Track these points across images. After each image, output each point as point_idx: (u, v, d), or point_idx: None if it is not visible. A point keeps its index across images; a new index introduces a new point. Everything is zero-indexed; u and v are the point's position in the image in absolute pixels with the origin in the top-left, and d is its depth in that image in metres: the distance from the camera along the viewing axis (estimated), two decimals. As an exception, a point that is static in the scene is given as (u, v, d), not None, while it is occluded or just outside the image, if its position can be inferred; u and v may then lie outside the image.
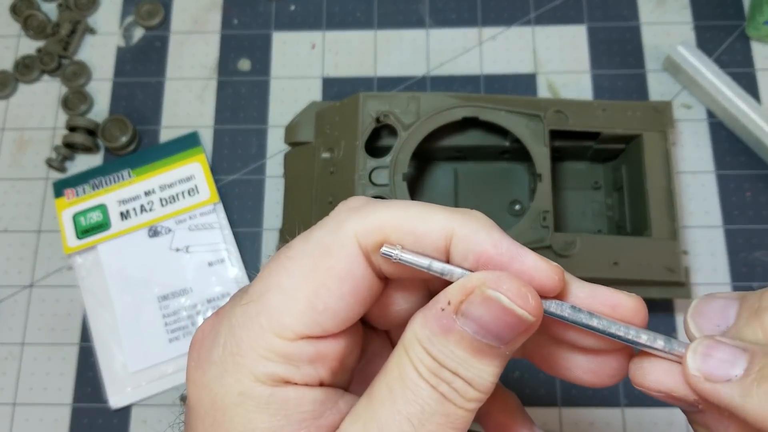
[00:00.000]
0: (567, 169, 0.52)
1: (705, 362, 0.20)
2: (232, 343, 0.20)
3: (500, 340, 0.20)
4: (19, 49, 0.58)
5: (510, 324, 0.19)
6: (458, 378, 0.19)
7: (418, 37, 0.57)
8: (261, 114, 0.55)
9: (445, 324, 0.20)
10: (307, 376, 0.20)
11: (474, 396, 0.20)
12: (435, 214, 0.21)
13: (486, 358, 0.20)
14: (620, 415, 0.47)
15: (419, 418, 0.19)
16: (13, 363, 0.50)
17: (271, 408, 0.20)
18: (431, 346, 0.20)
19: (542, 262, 0.20)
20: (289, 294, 0.20)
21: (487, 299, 0.19)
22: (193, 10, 0.58)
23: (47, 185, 0.54)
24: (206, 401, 0.20)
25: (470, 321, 0.19)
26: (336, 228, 0.21)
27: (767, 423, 0.18)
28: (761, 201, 0.51)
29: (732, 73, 0.53)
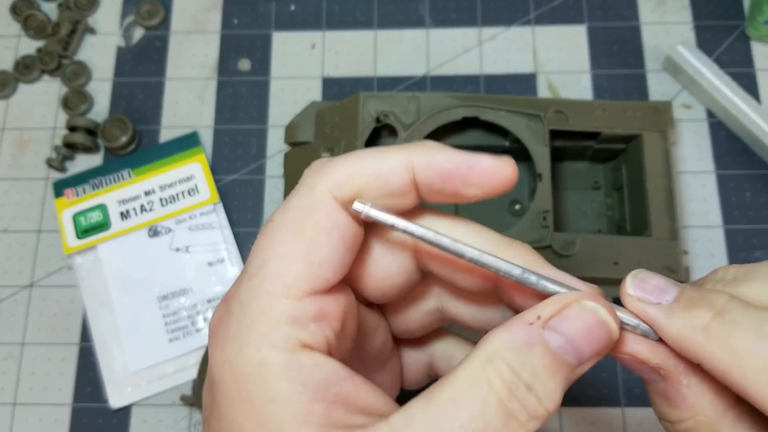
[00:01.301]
0: (567, 169, 0.52)
1: (641, 286, 0.22)
2: (245, 317, 0.21)
3: (581, 356, 0.20)
4: (19, 49, 0.58)
5: (598, 339, 0.21)
6: (531, 395, 0.19)
7: (418, 37, 0.57)
8: (261, 114, 0.55)
9: (531, 337, 0.20)
10: (315, 335, 0.21)
11: (540, 414, 0.20)
12: (391, 152, 0.22)
13: (561, 376, 0.20)
14: (620, 414, 0.47)
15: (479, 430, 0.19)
16: (13, 363, 0.50)
17: (289, 373, 0.20)
18: (513, 357, 0.20)
19: (496, 160, 0.22)
20: (286, 258, 0.21)
21: (585, 312, 0.21)
22: (193, 10, 0.58)
23: (47, 185, 0.54)
24: (228, 376, 0.21)
25: (558, 335, 0.20)
26: (309, 190, 0.22)
27: (685, 343, 0.20)
28: (761, 201, 0.51)
29: (732, 73, 0.53)
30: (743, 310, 0.20)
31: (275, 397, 0.20)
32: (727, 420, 0.21)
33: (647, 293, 0.22)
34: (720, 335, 0.19)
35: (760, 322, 0.19)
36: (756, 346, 0.19)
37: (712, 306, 0.20)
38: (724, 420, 0.21)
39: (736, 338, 0.19)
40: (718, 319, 0.20)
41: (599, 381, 0.48)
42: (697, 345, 0.20)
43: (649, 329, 0.22)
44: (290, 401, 0.20)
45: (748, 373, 0.19)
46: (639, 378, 0.48)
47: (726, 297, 0.20)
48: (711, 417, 0.21)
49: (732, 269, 0.22)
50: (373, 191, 0.22)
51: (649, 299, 0.22)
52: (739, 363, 0.19)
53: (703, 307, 0.20)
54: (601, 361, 0.49)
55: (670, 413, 0.22)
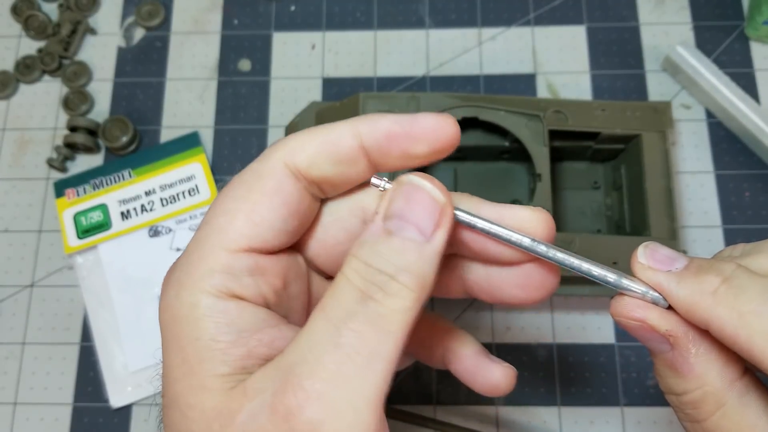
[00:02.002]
0: (566, 169, 0.52)
1: (652, 255, 0.23)
2: (186, 264, 0.23)
3: (420, 227, 0.21)
4: (19, 50, 0.58)
5: (423, 204, 0.22)
6: (383, 275, 0.21)
7: (418, 38, 0.57)
8: (261, 114, 0.55)
9: (373, 230, 0.22)
10: (248, 287, 0.23)
11: (396, 290, 0.21)
12: (339, 123, 0.24)
13: (410, 252, 0.21)
14: (620, 414, 0.47)
15: (341, 320, 0.20)
16: (14, 362, 0.50)
17: (215, 316, 0.22)
18: (362, 251, 0.21)
19: (434, 116, 0.23)
20: (231, 214, 0.23)
21: (402, 185, 0.22)
22: (194, 11, 0.59)
23: (48, 185, 0.54)
24: (167, 318, 0.22)
25: (394, 219, 0.22)
26: (265, 158, 0.24)
27: (693, 307, 0.21)
28: (760, 201, 0.51)
29: (731, 73, 0.53)
30: (750, 277, 0.20)
31: (200, 336, 0.21)
32: (734, 391, 0.21)
33: (658, 262, 0.23)
34: (727, 299, 0.20)
35: (765, 286, 0.20)
36: (762, 308, 0.19)
37: (720, 273, 0.21)
38: (730, 391, 0.21)
39: (742, 301, 0.20)
40: (726, 285, 0.20)
41: (599, 381, 0.48)
42: (705, 309, 0.21)
43: (658, 297, 0.22)
44: (213, 341, 0.21)
45: (754, 335, 0.19)
46: (638, 378, 0.48)
47: (734, 265, 0.21)
48: (718, 387, 0.22)
49: (740, 246, 0.23)
50: (324, 158, 0.23)
51: (659, 267, 0.22)
52: (746, 325, 0.19)
53: (711, 274, 0.21)
54: (600, 361, 0.49)
55: (677, 384, 0.23)
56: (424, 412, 0.46)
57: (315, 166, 0.23)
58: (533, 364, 0.48)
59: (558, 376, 0.48)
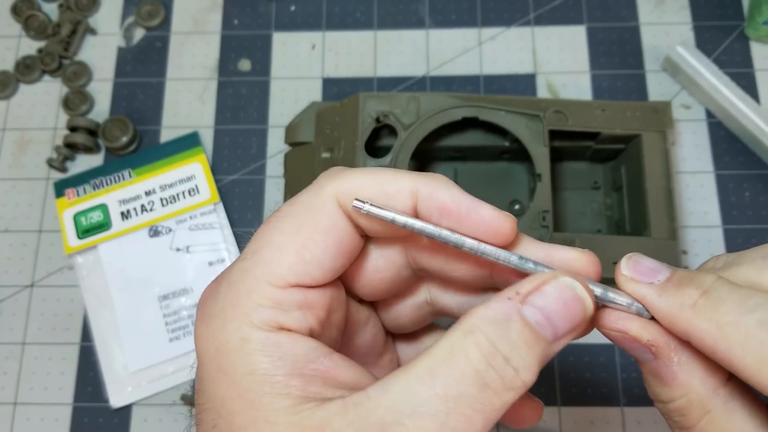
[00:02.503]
0: (566, 169, 0.52)
1: (635, 267, 0.23)
2: (231, 296, 0.22)
3: (557, 331, 0.21)
4: (19, 50, 0.58)
5: (573, 313, 0.21)
6: (508, 366, 0.20)
7: (418, 38, 0.57)
8: (261, 114, 0.55)
9: (509, 311, 0.21)
10: (296, 320, 0.22)
11: (516, 385, 0.20)
12: (402, 176, 0.23)
13: (538, 349, 0.21)
14: (620, 414, 0.47)
15: (456, 400, 0.19)
16: (14, 362, 0.50)
17: (268, 350, 0.21)
18: (491, 330, 0.20)
19: (496, 212, 0.23)
20: (280, 248, 0.22)
21: (562, 288, 0.21)
22: (194, 11, 0.59)
23: (48, 185, 0.54)
24: (211, 350, 0.22)
25: (535, 309, 0.21)
26: (318, 191, 0.23)
27: (674, 319, 0.21)
28: (760, 201, 0.51)
29: (731, 73, 0.53)
30: (729, 288, 0.20)
31: (254, 371, 0.21)
32: (719, 397, 0.22)
33: (640, 274, 0.23)
34: (706, 311, 0.20)
35: (743, 297, 0.20)
36: (739, 318, 0.19)
37: (700, 285, 0.21)
38: (715, 397, 0.22)
39: (720, 312, 0.20)
40: (705, 297, 0.21)
41: (599, 381, 0.48)
42: (685, 321, 0.21)
43: (641, 308, 0.23)
44: (268, 374, 0.21)
45: (733, 345, 0.19)
46: (638, 378, 0.48)
47: (714, 277, 0.21)
48: (702, 395, 0.22)
49: (723, 257, 0.23)
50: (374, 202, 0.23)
51: (642, 279, 0.23)
52: (724, 336, 0.20)
53: (692, 286, 0.21)
54: (600, 361, 0.49)
55: (663, 392, 0.23)
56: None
57: (365, 216, 0.23)
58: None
59: (558, 376, 0.48)
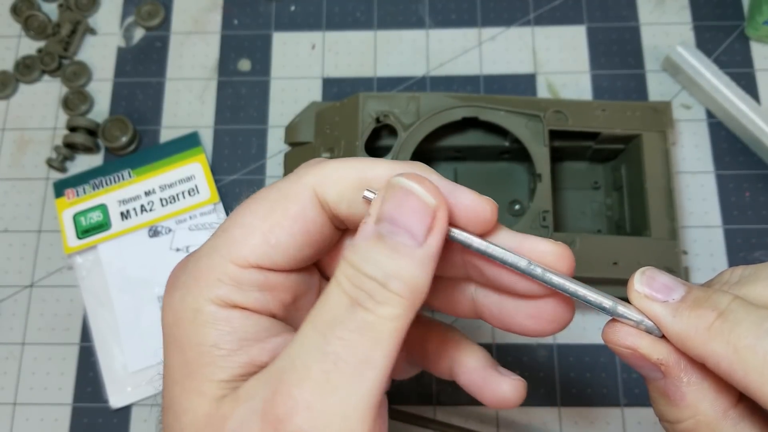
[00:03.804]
0: (566, 169, 0.52)
1: (649, 284, 0.22)
2: (196, 270, 0.23)
3: (411, 231, 0.21)
4: (19, 50, 0.58)
5: (414, 208, 0.21)
6: (374, 281, 0.20)
7: (418, 38, 0.57)
8: (261, 114, 0.55)
9: (364, 233, 0.21)
10: (255, 301, 0.22)
11: (387, 297, 0.20)
12: (381, 165, 0.23)
13: (401, 257, 0.20)
14: (620, 414, 0.47)
15: (328, 327, 0.20)
16: (14, 363, 0.50)
17: (218, 324, 0.22)
18: (353, 256, 0.21)
19: (476, 197, 0.23)
20: (248, 229, 0.23)
21: (392, 187, 0.21)
22: (194, 11, 0.59)
23: (47, 185, 0.54)
24: (170, 319, 0.23)
25: (385, 222, 0.21)
26: (296, 179, 0.23)
27: (688, 341, 0.21)
28: (760, 201, 0.51)
29: (731, 73, 0.53)
30: (745, 310, 0.20)
31: (202, 341, 0.22)
32: (728, 420, 0.21)
33: (655, 291, 0.22)
34: (723, 334, 0.20)
35: (760, 319, 0.19)
36: (757, 342, 0.19)
37: (716, 306, 0.20)
38: (724, 420, 0.21)
39: (737, 336, 0.19)
40: (721, 319, 0.20)
41: (599, 381, 0.48)
42: (700, 344, 0.20)
43: (652, 325, 0.22)
44: (214, 347, 0.21)
45: (750, 370, 0.19)
46: (638, 378, 0.48)
47: (730, 297, 0.20)
48: (711, 417, 0.21)
49: (738, 271, 0.23)
50: (355, 196, 0.23)
51: (656, 297, 0.22)
52: (741, 360, 0.19)
53: (708, 307, 0.20)
54: (600, 361, 0.49)
55: (670, 412, 0.22)
56: (424, 413, 0.46)
57: (344, 203, 0.23)
58: (533, 364, 0.48)
59: (558, 377, 0.48)
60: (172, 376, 0.22)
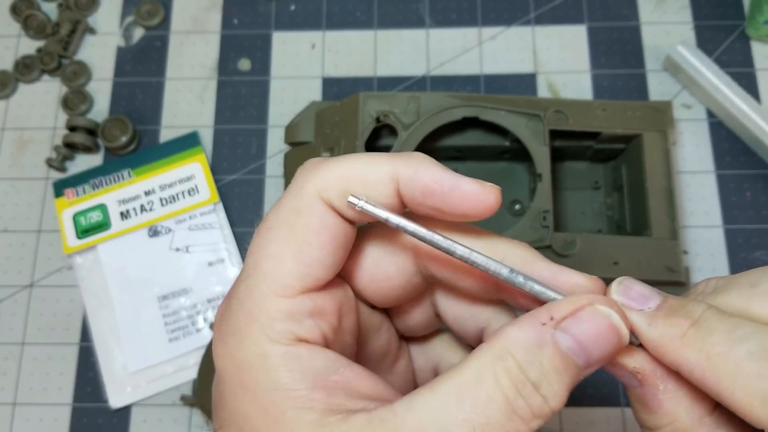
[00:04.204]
0: (567, 168, 0.52)
1: (626, 293, 0.22)
2: (244, 314, 0.22)
3: (589, 359, 0.21)
4: (19, 49, 0.58)
5: (608, 343, 0.21)
6: (537, 394, 0.20)
7: (418, 37, 0.57)
8: (261, 114, 0.55)
9: (542, 336, 0.20)
10: (310, 329, 0.22)
11: (544, 413, 0.20)
12: (381, 161, 0.23)
13: (568, 377, 0.20)
14: (620, 414, 0.47)
15: (483, 427, 0.19)
16: (13, 363, 0.50)
17: (288, 364, 0.21)
18: (522, 354, 0.20)
19: (478, 185, 0.23)
20: (278, 258, 0.22)
21: (598, 316, 0.21)
22: (193, 10, 0.58)
23: (47, 185, 0.54)
24: (231, 367, 0.22)
25: (568, 336, 0.20)
26: (299, 191, 0.23)
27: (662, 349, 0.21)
28: (761, 201, 0.51)
29: (732, 72, 0.53)
30: (719, 318, 0.20)
31: (276, 386, 0.21)
32: (704, 427, 0.21)
33: (631, 299, 0.22)
34: (696, 342, 0.20)
35: (732, 328, 0.20)
36: (728, 350, 0.19)
37: (690, 315, 0.21)
38: (701, 426, 0.21)
39: (710, 343, 0.20)
40: (695, 327, 0.20)
41: (599, 381, 0.48)
42: (674, 351, 0.20)
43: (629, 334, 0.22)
44: (290, 389, 0.21)
45: (722, 376, 0.19)
46: (639, 378, 0.48)
47: (704, 306, 0.21)
48: (688, 423, 0.21)
49: (713, 281, 0.23)
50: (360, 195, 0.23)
51: (632, 305, 0.22)
52: (713, 367, 0.19)
53: (682, 316, 0.21)
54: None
55: (649, 419, 0.22)
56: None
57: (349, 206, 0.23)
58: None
59: (558, 377, 0.48)
60: (250, 424, 0.21)
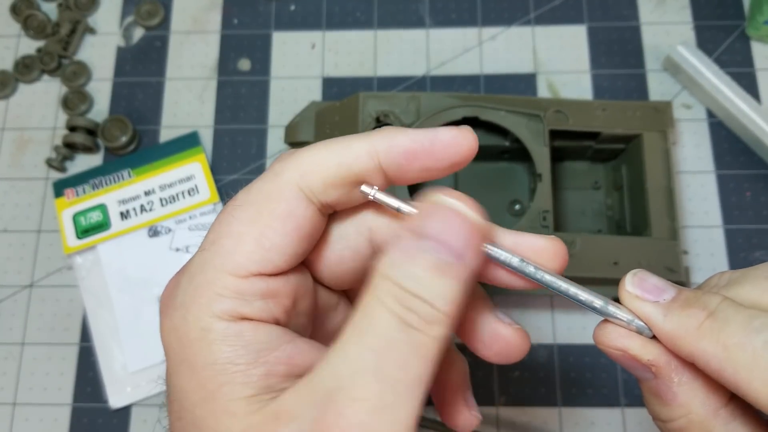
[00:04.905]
0: (567, 168, 0.52)
1: (641, 284, 0.23)
2: (192, 288, 0.22)
3: (456, 252, 0.21)
4: (19, 49, 0.58)
5: (461, 228, 0.21)
6: (420, 300, 0.20)
7: (418, 37, 0.57)
8: (261, 114, 0.55)
9: (407, 249, 0.21)
10: (260, 310, 0.22)
11: (436, 317, 0.20)
12: (355, 140, 0.23)
13: (446, 276, 0.20)
14: (620, 414, 0.47)
15: (383, 347, 0.20)
16: (13, 363, 0.50)
17: (229, 339, 0.21)
18: (394, 272, 0.20)
19: (455, 130, 0.23)
20: (239, 237, 0.22)
21: (440, 208, 0.21)
22: (193, 10, 0.58)
23: (47, 185, 0.54)
24: (174, 342, 0.22)
25: (430, 240, 0.21)
26: (274, 177, 0.23)
27: (678, 340, 0.21)
28: (761, 201, 0.51)
29: (732, 72, 0.53)
30: (735, 309, 0.20)
31: (216, 360, 0.21)
32: (719, 418, 0.21)
33: (646, 291, 0.22)
34: (712, 333, 0.20)
35: (749, 318, 0.20)
36: (745, 340, 0.19)
37: (706, 306, 0.21)
38: (716, 418, 0.21)
39: (726, 334, 0.20)
40: (711, 319, 0.20)
41: (599, 381, 0.48)
42: (690, 343, 0.21)
43: (643, 326, 0.22)
44: (230, 364, 0.21)
45: (739, 367, 0.19)
46: (639, 378, 0.48)
47: (720, 298, 0.21)
48: (702, 415, 0.21)
49: (726, 274, 0.23)
50: (339, 181, 0.23)
51: (647, 297, 0.22)
52: (730, 358, 0.19)
53: (698, 307, 0.21)
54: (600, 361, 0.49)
55: (662, 412, 0.22)
56: (424, 413, 0.46)
57: (331, 189, 0.23)
58: (534, 364, 0.48)
59: (558, 377, 0.48)
60: (188, 399, 0.21)
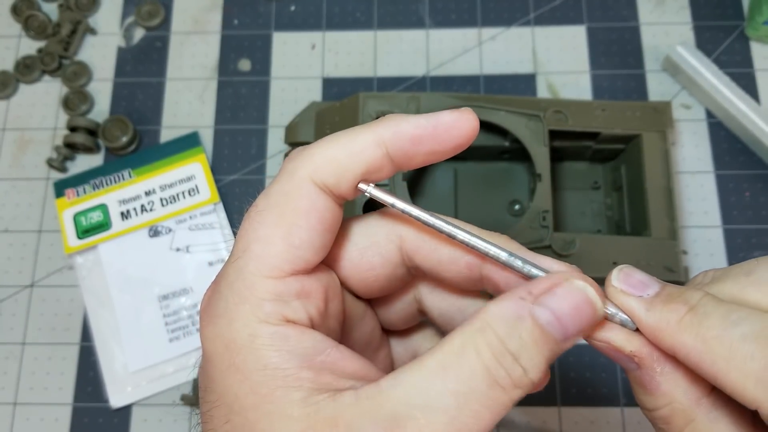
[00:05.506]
0: (566, 169, 0.52)
1: (626, 279, 0.23)
2: (233, 295, 0.23)
3: (566, 332, 0.21)
4: (19, 50, 0.58)
5: (584, 316, 0.22)
6: (517, 365, 0.20)
7: (418, 38, 0.57)
8: (261, 114, 0.55)
9: (521, 310, 0.21)
10: (298, 311, 0.23)
11: (524, 383, 0.21)
12: (361, 131, 0.24)
13: (547, 349, 0.21)
14: (620, 414, 0.47)
15: (466, 397, 0.20)
16: (14, 362, 0.50)
17: (276, 344, 0.22)
18: (501, 327, 0.21)
19: (456, 112, 0.24)
20: (268, 240, 0.23)
21: (574, 290, 0.22)
22: (194, 11, 0.59)
23: (48, 185, 0.54)
24: (220, 348, 0.22)
25: (546, 310, 0.21)
26: (289, 177, 0.24)
27: (660, 333, 0.22)
28: (760, 201, 0.51)
29: (731, 73, 0.53)
30: (714, 304, 0.21)
31: (266, 365, 0.21)
32: (702, 407, 0.22)
33: (630, 286, 0.23)
34: (693, 326, 0.21)
35: (727, 312, 0.20)
36: (723, 333, 0.20)
37: (687, 301, 0.21)
38: (698, 407, 0.22)
39: (705, 328, 0.20)
40: (692, 313, 0.21)
41: (599, 381, 0.48)
42: (671, 336, 0.21)
43: (627, 319, 0.23)
44: (279, 368, 0.21)
45: (717, 359, 0.20)
46: (638, 377, 0.48)
47: (701, 294, 0.22)
48: (685, 404, 0.22)
49: (710, 273, 0.24)
50: (351, 171, 0.23)
51: (631, 292, 0.23)
52: (709, 351, 0.20)
53: (679, 302, 0.22)
54: (600, 361, 0.49)
55: (648, 400, 0.23)
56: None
57: (343, 182, 0.23)
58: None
59: (558, 377, 0.48)
60: (239, 403, 0.22)
